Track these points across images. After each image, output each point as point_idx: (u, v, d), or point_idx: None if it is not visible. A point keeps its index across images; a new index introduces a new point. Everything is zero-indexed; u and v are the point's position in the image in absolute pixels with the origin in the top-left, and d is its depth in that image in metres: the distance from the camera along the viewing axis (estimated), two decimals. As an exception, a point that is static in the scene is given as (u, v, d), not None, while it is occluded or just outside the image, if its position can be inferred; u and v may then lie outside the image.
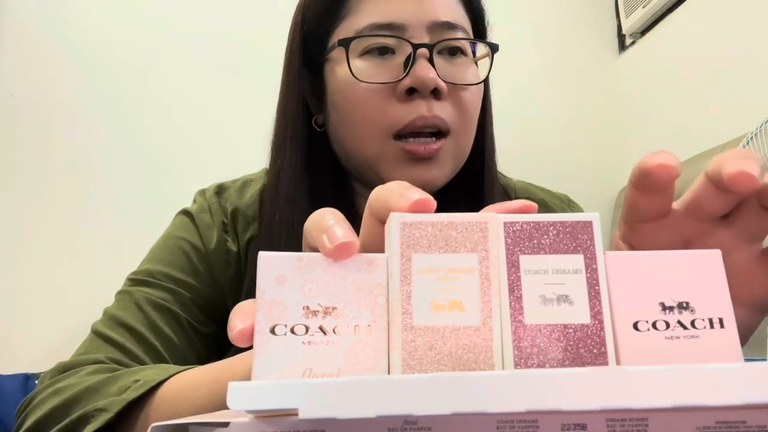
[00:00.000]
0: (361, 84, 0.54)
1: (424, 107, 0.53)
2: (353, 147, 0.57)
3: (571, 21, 1.96)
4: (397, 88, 0.53)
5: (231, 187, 0.64)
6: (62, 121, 1.60)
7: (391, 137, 0.54)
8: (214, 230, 0.59)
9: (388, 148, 0.54)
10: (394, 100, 0.54)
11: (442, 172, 0.55)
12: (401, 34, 0.54)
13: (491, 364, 0.23)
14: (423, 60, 0.53)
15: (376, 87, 0.54)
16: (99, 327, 0.54)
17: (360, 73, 0.54)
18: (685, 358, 0.24)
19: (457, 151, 0.56)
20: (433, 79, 0.52)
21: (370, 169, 0.56)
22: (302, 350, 0.23)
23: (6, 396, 1.17)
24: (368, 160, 0.56)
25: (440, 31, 0.55)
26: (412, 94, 0.53)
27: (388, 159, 0.54)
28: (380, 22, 0.54)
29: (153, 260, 0.58)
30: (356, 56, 0.55)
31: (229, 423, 0.21)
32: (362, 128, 0.55)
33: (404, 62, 0.54)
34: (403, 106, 0.53)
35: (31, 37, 1.63)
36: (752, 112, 1.16)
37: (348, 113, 0.56)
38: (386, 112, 0.54)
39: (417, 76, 0.52)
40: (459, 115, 0.55)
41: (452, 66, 0.56)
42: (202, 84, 1.69)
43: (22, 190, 1.56)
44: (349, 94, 0.55)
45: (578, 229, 0.25)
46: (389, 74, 0.54)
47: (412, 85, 0.53)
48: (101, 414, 0.42)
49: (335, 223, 0.25)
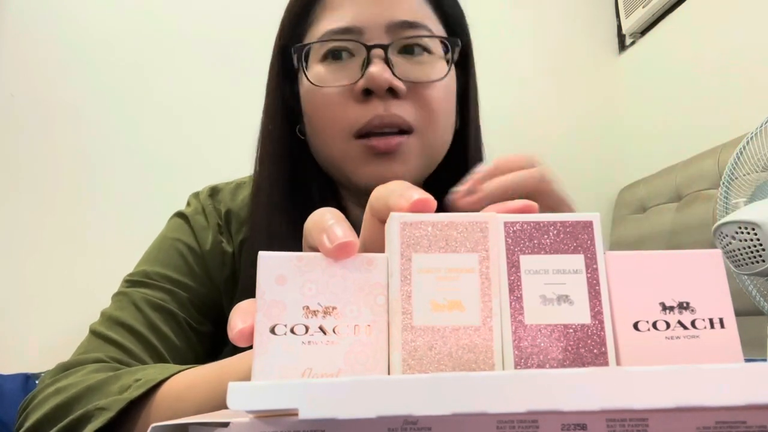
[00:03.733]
0: (321, 89, 0.55)
1: (380, 107, 0.53)
2: (322, 150, 0.58)
3: (571, 21, 1.96)
4: (354, 90, 0.54)
5: (224, 189, 0.64)
6: (62, 121, 1.60)
7: (353, 137, 0.55)
8: (209, 232, 0.60)
9: (351, 147, 0.55)
10: (351, 102, 0.54)
11: (406, 168, 0.55)
12: (358, 37, 0.54)
13: (491, 364, 0.23)
14: (377, 60, 0.54)
15: (334, 90, 0.54)
16: (98, 327, 0.54)
17: (318, 78, 0.55)
18: (686, 358, 0.24)
19: (424, 148, 0.56)
20: (386, 79, 0.53)
21: (339, 170, 0.57)
22: (302, 350, 0.23)
23: (6, 396, 1.17)
24: (335, 160, 0.57)
25: (399, 30, 0.55)
26: (369, 95, 0.54)
27: (352, 157, 0.55)
28: (338, 27, 0.55)
29: (149, 261, 0.59)
30: (317, 62, 0.56)
31: (229, 423, 0.21)
32: (326, 131, 0.56)
33: (361, 64, 0.54)
34: (361, 106, 0.54)
35: (31, 37, 1.63)
36: (752, 112, 1.16)
37: (313, 118, 0.57)
38: (345, 114, 0.54)
39: (370, 77, 0.53)
40: (422, 113, 0.55)
41: (413, 64, 0.55)
42: (202, 84, 1.69)
43: (22, 190, 1.56)
44: (311, 99, 0.56)
45: (578, 229, 0.24)
46: (347, 77, 0.54)
47: (366, 86, 0.53)
48: (102, 413, 0.42)
49: (335, 223, 0.25)
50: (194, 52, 1.70)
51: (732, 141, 1.34)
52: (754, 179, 0.98)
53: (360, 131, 0.54)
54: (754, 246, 0.87)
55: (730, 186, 1.00)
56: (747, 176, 0.99)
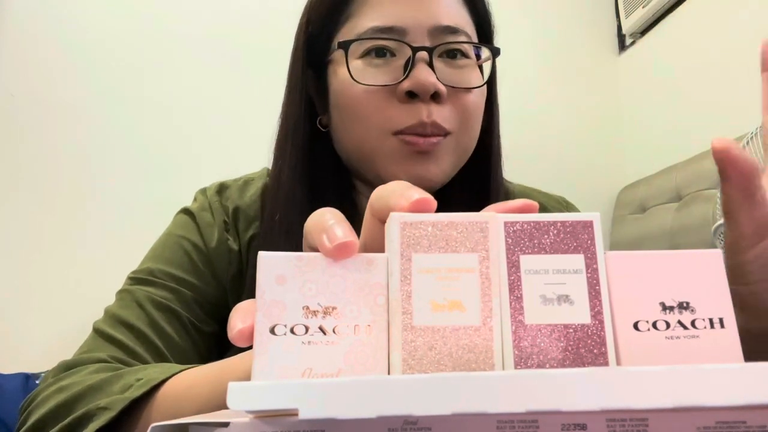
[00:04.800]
0: (361, 85, 0.54)
1: (424, 112, 0.53)
2: (353, 145, 0.57)
3: (571, 21, 1.96)
4: (396, 90, 0.54)
5: (232, 186, 0.64)
6: (62, 121, 1.60)
7: (391, 134, 0.55)
8: (215, 229, 0.59)
9: (387, 142, 0.55)
10: (394, 101, 0.54)
11: (441, 169, 0.56)
12: (402, 37, 0.54)
13: (491, 364, 0.23)
14: (422, 63, 0.54)
15: (376, 88, 0.54)
16: (101, 326, 0.54)
17: (359, 74, 0.55)
18: (686, 358, 0.24)
19: (457, 150, 0.57)
20: (432, 83, 0.53)
21: (370, 166, 0.57)
22: (302, 350, 0.23)
23: (6, 396, 1.17)
24: (368, 156, 0.56)
25: (441, 35, 0.55)
26: (412, 97, 0.54)
27: (387, 153, 0.55)
28: (381, 25, 0.54)
29: (154, 259, 0.58)
30: (356, 58, 0.55)
31: (229, 423, 0.21)
32: (362, 126, 0.55)
33: (404, 65, 0.54)
34: (404, 107, 0.54)
35: (31, 37, 1.63)
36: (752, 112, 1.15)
37: (348, 113, 0.56)
38: (386, 112, 0.54)
39: (416, 80, 0.53)
40: (459, 118, 0.56)
41: (453, 69, 0.56)
42: (202, 84, 1.69)
43: (22, 190, 1.56)
44: (349, 94, 0.55)
45: (579, 229, 0.24)
46: (389, 76, 0.54)
47: (411, 89, 0.53)
48: (104, 412, 0.43)
49: (335, 223, 0.25)
50: (194, 52, 1.70)
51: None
52: (754, 179, 0.98)
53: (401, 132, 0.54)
54: (754, 246, 0.87)
55: (730, 186, 1.00)
56: (747, 176, 0.99)
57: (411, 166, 0.55)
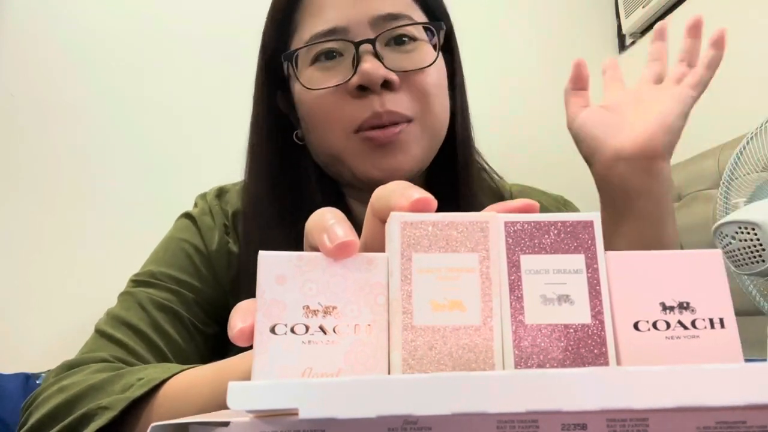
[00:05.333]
0: (315, 91, 0.55)
1: (377, 102, 0.54)
2: (323, 150, 0.58)
3: (571, 21, 1.96)
4: (348, 87, 0.54)
5: (231, 190, 0.64)
6: (62, 121, 1.60)
7: (352, 132, 0.55)
8: (216, 232, 0.60)
9: (351, 142, 0.55)
10: (348, 99, 0.55)
11: (410, 156, 0.56)
12: (344, 36, 0.55)
13: (491, 364, 0.23)
14: (368, 55, 0.54)
15: (329, 90, 0.55)
16: (103, 327, 0.54)
17: (311, 81, 0.56)
18: (686, 358, 0.24)
19: (424, 134, 0.56)
20: (380, 74, 0.53)
21: (342, 167, 0.57)
22: (302, 350, 0.23)
23: (6, 395, 1.17)
24: (337, 158, 0.57)
25: (383, 23, 0.55)
26: (364, 91, 0.54)
27: (353, 152, 0.55)
28: (323, 29, 0.55)
29: (155, 262, 0.59)
30: (307, 66, 0.56)
31: (229, 423, 0.21)
32: (325, 130, 0.56)
33: (352, 61, 0.54)
34: (357, 102, 0.54)
35: (31, 37, 1.63)
36: (752, 112, 1.15)
37: (311, 120, 0.57)
38: (342, 111, 0.55)
39: (363, 72, 0.53)
40: (418, 101, 0.56)
41: (401, 54, 0.56)
42: (202, 84, 1.69)
43: (22, 190, 1.56)
44: (307, 102, 0.57)
45: (579, 229, 0.24)
46: (339, 76, 0.55)
47: (360, 83, 0.53)
48: (105, 412, 0.43)
49: (335, 223, 0.25)
50: (194, 52, 1.70)
51: (732, 141, 1.33)
52: (754, 179, 0.98)
53: (360, 127, 0.55)
54: (754, 246, 0.87)
55: (730, 186, 1.00)
56: (747, 176, 0.99)
57: (378, 160, 0.55)
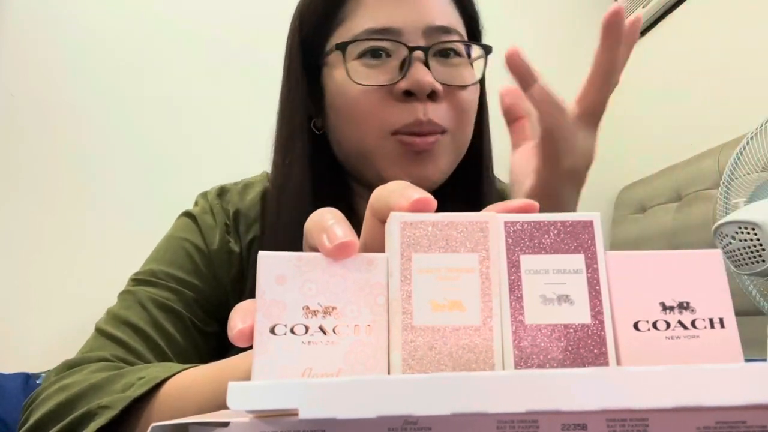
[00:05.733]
0: (358, 86, 0.55)
1: (420, 110, 0.54)
2: (352, 145, 0.58)
3: (571, 21, 1.96)
4: (393, 89, 0.54)
5: (232, 189, 0.64)
6: (62, 121, 1.60)
7: (389, 134, 0.55)
8: (217, 231, 0.60)
9: (386, 143, 0.55)
10: (391, 100, 0.55)
11: (439, 168, 0.56)
12: (397, 37, 0.55)
13: (491, 364, 0.23)
14: (419, 63, 0.54)
15: (374, 88, 0.55)
16: (103, 326, 0.54)
17: (357, 75, 0.55)
18: (686, 358, 0.24)
19: (454, 148, 0.57)
20: (429, 82, 0.53)
21: (369, 166, 0.57)
22: (302, 350, 0.23)
23: (6, 395, 1.17)
24: (366, 156, 0.57)
25: (435, 34, 0.56)
26: (408, 96, 0.54)
27: (386, 154, 0.55)
28: (376, 26, 0.55)
29: (156, 261, 0.59)
30: (353, 59, 0.56)
31: (229, 423, 0.21)
32: (360, 126, 0.56)
33: (400, 65, 0.55)
34: (401, 106, 0.54)
35: (31, 37, 1.63)
36: (752, 112, 1.16)
37: (346, 114, 0.57)
38: (384, 112, 0.55)
39: (414, 79, 0.53)
40: (455, 115, 0.57)
41: (447, 68, 0.57)
42: (202, 84, 1.69)
43: (22, 190, 1.56)
44: (347, 95, 0.56)
45: (579, 229, 0.24)
46: (386, 76, 0.55)
47: (408, 88, 0.54)
48: (105, 411, 0.43)
49: (335, 223, 0.25)
50: (194, 52, 1.70)
51: (732, 141, 1.33)
52: (754, 179, 0.98)
53: (398, 131, 0.55)
54: (754, 246, 0.87)
55: (730, 186, 1.01)
56: (747, 176, 0.99)
57: (410, 166, 0.55)
